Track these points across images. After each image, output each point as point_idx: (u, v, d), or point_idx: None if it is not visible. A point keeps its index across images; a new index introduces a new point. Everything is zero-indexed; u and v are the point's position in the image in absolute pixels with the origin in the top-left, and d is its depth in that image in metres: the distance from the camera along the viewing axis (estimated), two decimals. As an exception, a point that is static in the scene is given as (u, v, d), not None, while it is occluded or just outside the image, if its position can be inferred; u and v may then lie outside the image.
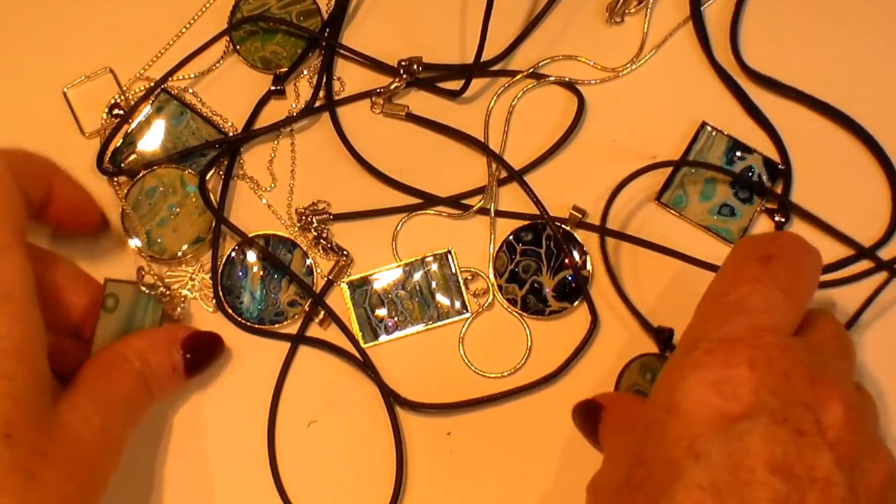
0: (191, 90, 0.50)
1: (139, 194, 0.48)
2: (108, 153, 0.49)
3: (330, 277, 0.48)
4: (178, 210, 0.48)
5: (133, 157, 0.49)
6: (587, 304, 0.47)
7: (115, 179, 0.49)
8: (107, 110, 0.50)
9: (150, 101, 0.50)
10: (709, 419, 0.32)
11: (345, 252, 0.48)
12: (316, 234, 0.48)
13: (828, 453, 0.32)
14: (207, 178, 0.48)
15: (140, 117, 0.49)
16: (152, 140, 0.49)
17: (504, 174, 0.49)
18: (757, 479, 0.31)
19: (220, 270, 0.48)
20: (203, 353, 0.44)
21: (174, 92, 0.50)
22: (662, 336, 0.46)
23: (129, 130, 0.49)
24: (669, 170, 0.48)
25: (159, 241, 0.48)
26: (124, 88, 0.50)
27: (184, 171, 0.49)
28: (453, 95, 0.50)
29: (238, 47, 0.51)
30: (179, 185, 0.48)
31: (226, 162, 0.49)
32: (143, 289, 0.45)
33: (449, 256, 0.48)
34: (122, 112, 0.49)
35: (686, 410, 0.33)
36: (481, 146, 0.49)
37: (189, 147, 0.49)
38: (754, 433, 0.32)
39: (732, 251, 0.39)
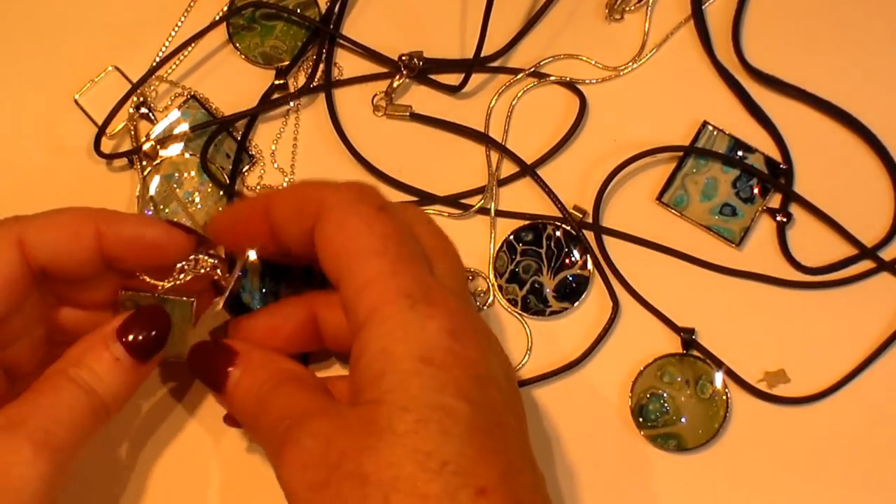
0: (196, 91, 0.50)
1: (157, 185, 0.48)
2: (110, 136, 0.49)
3: None
4: (195, 197, 0.48)
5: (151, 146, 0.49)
6: (608, 291, 0.47)
7: (142, 167, 0.48)
8: (134, 112, 0.49)
9: (179, 106, 0.50)
10: None
11: None
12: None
13: None
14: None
15: (165, 121, 0.49)
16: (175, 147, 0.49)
17: (504, 174, 0.49)
18: None
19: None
20: (145, 331, 0.39)
21: (195, 94, 0.50)
22: (688, 336, 0.46)
23: (152, 132, 0.49)
24: (670, 170, 0.48)
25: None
26: (148, 88, 0.50)
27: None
28: (453, 91, 0.50)
29: (237, 45, 0.51)
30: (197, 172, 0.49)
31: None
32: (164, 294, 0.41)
33: (449, 256, 0.48)
34: (147, 110, 0.49)
35: None
36: (488, 140, 0.49)
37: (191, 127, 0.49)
38: None
39: None
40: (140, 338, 0.39)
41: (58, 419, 0.35)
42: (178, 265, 0.40)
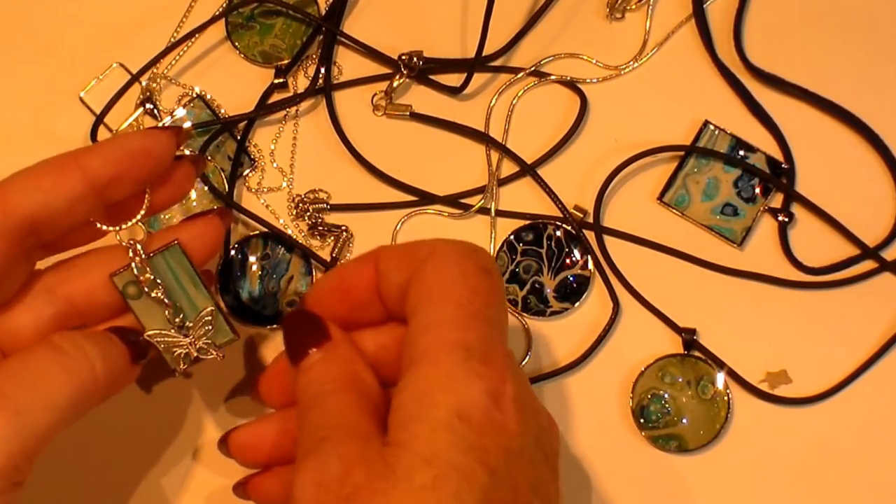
0: (197, 89, 0.50)
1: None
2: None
3: (334, 255, 0.48)
4: (191, 194, 0.48)
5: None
6: (608, 291, 0.47)
7: None
8: (140, 106, 0.49)
9: (184, 105, 0.50)
10: None
11: (343, 227, 0.48)
12: (311, 222, 0.48)
13: None
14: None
15: (168, 119, 0.49)
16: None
17: (504, 174, 0.49)
18: None
19: (218, 269, 0.48)
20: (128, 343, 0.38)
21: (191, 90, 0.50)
22: (689, 336, 0.46)
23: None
24: (671, 169, 0.48)
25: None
26: (153, 85, 0.50)
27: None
28: (454, 92, 0.50)
29: (236, 43, 0.50)
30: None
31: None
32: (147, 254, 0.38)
33: (449, 256, 0.48)
34: (152, 106, 0.49)
35: None
36: (488, 139, 0.49)
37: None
38: None
39: None
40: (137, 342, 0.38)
41: (32, 395, 0.34)
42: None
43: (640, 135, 0.49)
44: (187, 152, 0.48)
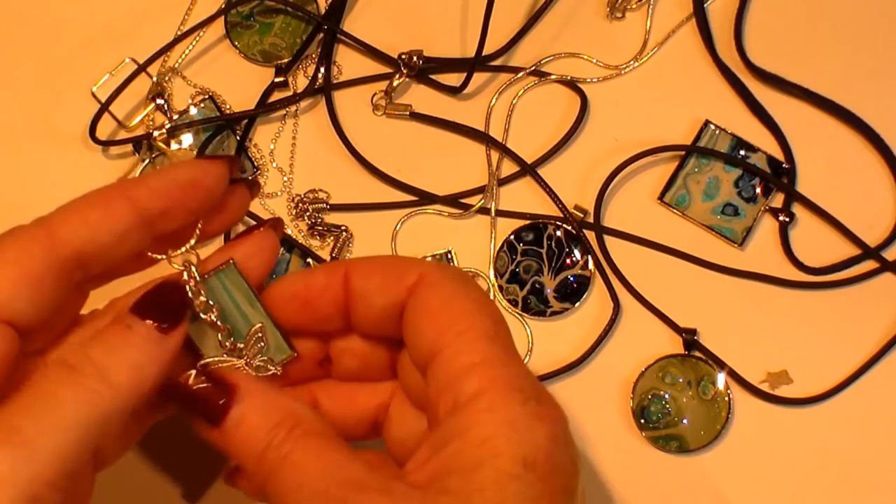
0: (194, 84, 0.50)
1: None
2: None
3: (334, 255, 0.48)
4: None
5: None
6: (609, 291, 0.47)
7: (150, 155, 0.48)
8: (152, 104, 0.49)
9: (196, 104, 0.50)
10: None
11: (343, 227, 0.48)
12: (310, 221, 0.48)
13: None
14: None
15: (176, 117, 0.49)
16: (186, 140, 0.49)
17: (505, 174, 0.49)
18: None
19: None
20: (161, 304, 0.34)
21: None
22: (690, 336, 0.46)
23: (165, 125, 0.49)
24: (672, 169, 0.48)
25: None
26: (163, 80, 0.50)
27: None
28: (454, 91, 0.49)
29: (236, 43, 0.50)
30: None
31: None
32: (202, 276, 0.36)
33: (449, 256, 0.48)
34: (163, 101, 0.49)
35: None
36: (488, 139, 0.49)
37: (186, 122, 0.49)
38: None
39: None
40: (160, 310, 0.34)
41: (40, 421, 0.31)
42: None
43: (640, 134, 0.49)
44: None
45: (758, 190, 0.48)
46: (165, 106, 0.49)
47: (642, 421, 0.45)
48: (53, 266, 0.33)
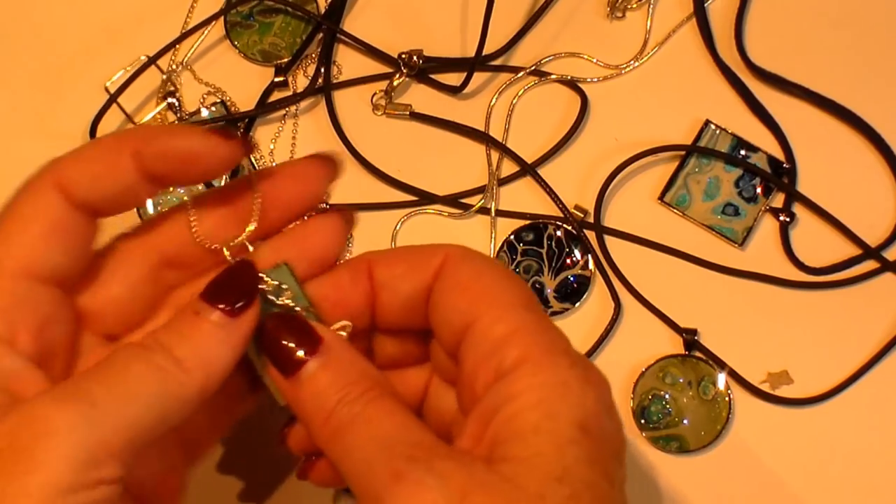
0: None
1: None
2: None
3: None
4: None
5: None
6: (609, 291, 0.47)
7: None
8: (164, 102, 0.49)
9: (207, 106, 0.50)
10: None
11: None
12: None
13: None
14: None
15: (187, 117, 0.50)
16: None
17: (505, 174, 0.49)
18: None
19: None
20: (233, 286, 0.33)
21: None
22: (690, 336, 0.46)
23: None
24: (672, 169, 0.48)
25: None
26: (170, 77, 0.50)
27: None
28: (454, 91, 0.49)
29: (235, 42, 0.50)
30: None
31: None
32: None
33: (449, 256, 0.48)
34: (176, 102, 0.49)
35: None
36: (488, 139, 0.49)
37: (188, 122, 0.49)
38: None
39: None
40: (230, 293, 0.33)
41: (109, 386, 0.30)
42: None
43: (640, 134, 0.49)
44: None
45: (758, 190, 0.48)
46: (177, 105, 0.49)
47: (643, 421, 0.45)
48: (72, 214, 0.32)
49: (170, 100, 0.49)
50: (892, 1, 0.50)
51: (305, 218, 0.36)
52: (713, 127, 0.48)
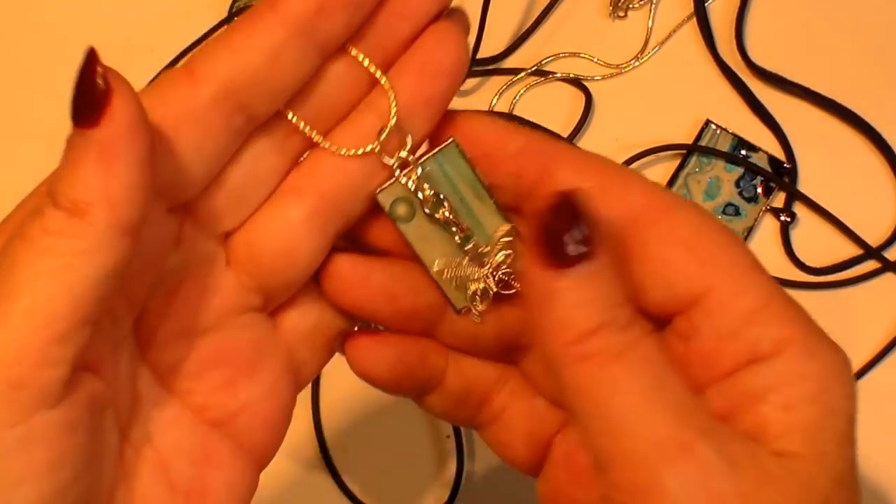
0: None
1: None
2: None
3: None
4: None
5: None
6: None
7: None
8: None
9: None
10: None
11: None
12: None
13: None
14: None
15: None
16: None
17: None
18: None
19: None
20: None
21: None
22: None
23: None
24: (673, 168, 0.48)
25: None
26: None
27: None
28: (454, 92, 0.49)
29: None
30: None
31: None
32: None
33: (449, 256, 0.48)
34: None
35: None
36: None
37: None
38: None
39: None
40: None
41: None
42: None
43: (641, 134, 0.49)
44: None
45: (759, 189, 0.48)
46: None
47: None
48: (201, 108, 0.26)
49: None
50: (893, 1, 0.50)
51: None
52: (714, 126, 0.48)
